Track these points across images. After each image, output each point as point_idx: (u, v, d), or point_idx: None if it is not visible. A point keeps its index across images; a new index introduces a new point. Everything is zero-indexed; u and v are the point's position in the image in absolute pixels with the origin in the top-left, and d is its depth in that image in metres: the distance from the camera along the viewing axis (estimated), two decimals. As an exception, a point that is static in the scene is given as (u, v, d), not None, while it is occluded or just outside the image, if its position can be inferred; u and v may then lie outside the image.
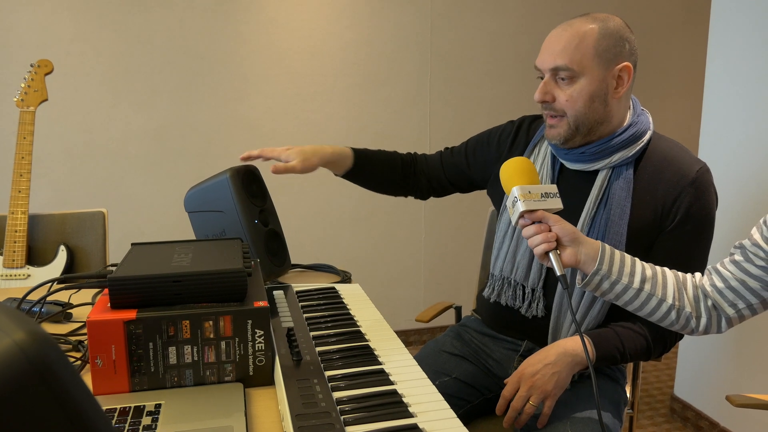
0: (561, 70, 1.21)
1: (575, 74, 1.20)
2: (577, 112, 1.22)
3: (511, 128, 1.47)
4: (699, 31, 3.56)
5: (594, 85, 1.21)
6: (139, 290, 0.96)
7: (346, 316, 1.19)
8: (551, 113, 1.26)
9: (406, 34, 3.10)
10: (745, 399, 1.31)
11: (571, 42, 1.20)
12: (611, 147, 1.25)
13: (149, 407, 0.91)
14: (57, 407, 0.38)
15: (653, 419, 2.59)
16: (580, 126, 1.24)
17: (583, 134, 1.25)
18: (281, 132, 3.01)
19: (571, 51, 1.20)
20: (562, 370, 1.18)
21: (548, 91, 1.24)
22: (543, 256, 1.10)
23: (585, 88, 1.21)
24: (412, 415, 0.82)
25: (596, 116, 1.24)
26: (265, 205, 1.49)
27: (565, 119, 1.24)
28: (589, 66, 1.20)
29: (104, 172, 2.79)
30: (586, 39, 1.20)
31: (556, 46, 1.21)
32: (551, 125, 1.27)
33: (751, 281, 1.08)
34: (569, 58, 1.20)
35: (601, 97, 1.22)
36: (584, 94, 1.21)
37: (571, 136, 1.25)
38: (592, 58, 1.20)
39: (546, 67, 1.23)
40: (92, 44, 2.70)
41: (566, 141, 1.26)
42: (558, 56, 1.20)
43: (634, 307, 1.15)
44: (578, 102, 1.22)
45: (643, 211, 1.25)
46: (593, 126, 1.24)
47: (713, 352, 2.38)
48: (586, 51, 1.20)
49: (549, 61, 1.22)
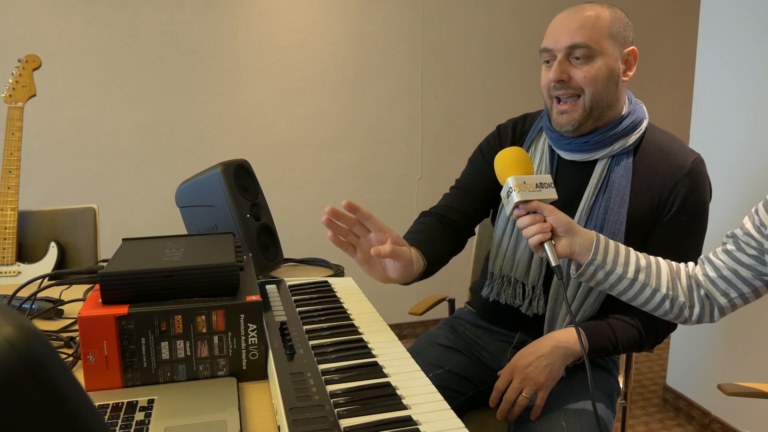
0: (579, 47, 1.19)
1: (593, 53, 1.20)
2: (595, 90, 1.21)
3: (493, 136, 1.46)
4: (689, 22, 3.57)
5: (609, 65, 1.21)
6: (130, 285, 0.96)
7: (339, 310, 1.19)
8: (567, 93, 1.23)
9: (397, 28, 3.09)
10: (736, 388, 1.32)
11: (586, 22, 1.20)
12: (612, 135, 1.25)
13: (142, 402, 0.91)
14: (47, 402, 0.38)
15: (646, 409, 2.61)
16: (595, 108, 1.23)
17: (595, 117, 1.24)
18: (272, 127, 3.00)
19: (588, 30, 1.19)
20: (554, 361, 1.19)
21: (564, 70, 1.22)
22: (538, 247, 1.10)
23: (602, 67, 1.21)
24: (405, 407, 0.82)
25: (610, 98, 1.23)
26: (256, 199, 1.48)
27: (581, 100, 1.22)
28: (605, 45, 1.21)
29: (94, 168, 2.78)
30: (601, 20, 1.21)
31: (572, 24, 1.20)
32: (564, 111, 1.24)
33: (742, 270, 1.09)
34: (588, 36, 1.19)
35: (615, 78, 1.23)
36: (602, 73, 1.21)
37: (584, 119, 1.23)
38: (607, 38, 1.21)
39: (562, 46, 1.21)
40: (81, 39, 2.67)
41: (579, 126, 1.24)
42: (575, 34, 1.19)
43: (629, 296, 1.15)
44: (597, 80, 1.21)
45: (641, 202, 1.25)
46: (605, 109, 1.24)
47: (705, 342, 2.40)
48: (602, 31, 1.20)
49: (565, 39, 1.20)
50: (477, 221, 1.44)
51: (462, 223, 1.40)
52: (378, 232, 1.12)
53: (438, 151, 3.27)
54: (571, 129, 1.25)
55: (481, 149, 1.44)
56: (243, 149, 2.97)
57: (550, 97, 1.27)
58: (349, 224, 1.12)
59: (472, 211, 1.41)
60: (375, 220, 1.12)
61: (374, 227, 1.12)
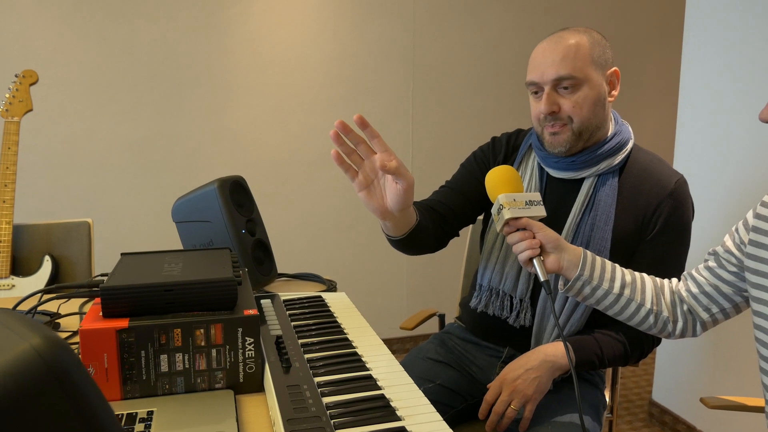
0: (565, 79, 1.24)
1: (579, 82, 1.25)
2: (583, 118, 1.26)
3: (488, 146, 1.50)
4: (673, 44, 3.66)
5: (595, 91, 1.26)
6: (131, 299, 0.98)
7: (333, 324, 1.22)
8: (557, 123, 1.28)
9: (389, 46, 3.15)
10: (718, 401, 1.35)
11: (569, 52, 1.24)
12: (599, 155, 1.30)
13: (141, 414, 0.93)
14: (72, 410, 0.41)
15: (632, 424, 2.65)
16: (584, 131, 1.28)
17: (585, 139, 1.29)
18: (264, 144, 3.03)
19: (571, 60, 1.24)
20: (542, 374, 1.22)
21: (554, 102, 1.26)
22: (527, 263, 1.14)
23: (588, 94, 1.26)
24: (399, 419, 0.85)
25: (597, 121, 1.29)
26: (252, 215, 1.51)
27: (569, 126, 1.27)
28: (588, 72, 1.25)
29: (87, 182, 2.79)
30: (582, 48, 1.25)
31: (555, 57, 1.25)
32: (555, 132, 1.28)
33: (723, 286, 1.13)
34: (572, 66, 1.24)
35: (601, 101, 1.28)
36: (588, 100, 1.26)
37: (575, 141, 1.28)
38: (590, 65, 1.26)
39: (548, 79, 1.25)
40: (75, 55, 2.70)
41: (570, 147, 1.29)
42: (560, 66, 1.24)
43: (614, 311, 1.19)
44: (584, 108, 1.26)
45: (626, 221, 1.30)
46: (593, 131, 1.29)
47: (690, 357, 2.44)
48: (584, 58, 1.25)
49: (550, 72, 1.25)
50: (463, 222, 1.46)
51: (448, 218, 1.42)
52: (383, 152, 1.11)
53: (428, 168, 3.32)
54: (563, 150, 1.29)
55: (475, 156, 1.49)
56: (236, 165, 3.00)
57: (540, 125, 1.32)
58: (355, 142, 1.12)
59: (459, 209, 1.43)
60: (381, 140, 1.11)
61: (380, 147, 1.11)
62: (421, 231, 1.30)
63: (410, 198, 1.16)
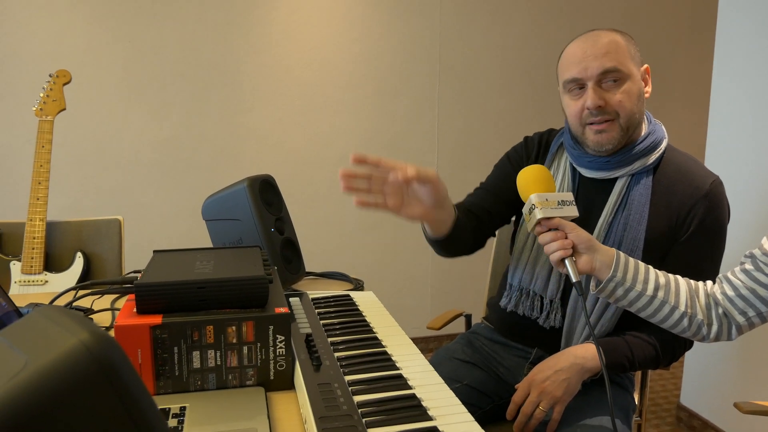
0: (611, 72, 1.23)
1: (623, 76, 1.24)
2: (629, 112, 1.25)
3: (521, 145, 1.49)
4: (705, 41, 3.60)
5: (637, 85, 1.26)
6: (164, 296, 0.99)
7: (362, 323, 1.22)
8: (604, 118, 1.25)
9: (415, 46, 3.15)
10: (753, 406, 1.33)
11: (611, 47, 1.24)
12: (633, 155, 1.28)
13: (174, 410, 0.94)
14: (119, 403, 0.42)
15: (660, 428, 2.61)
16: (630, 127, 1.27)
17: (629, 136, 1.28)
18: (290, 143, 3.05)
19: (614, 54, 1.23)
20: (572, 376, 1.21)
21: (600, 96, 1.25)
22: (559, 263, 1.13)
23: (632, 88, 1.25)
24: (431, 418, 0.85)
25: (639, 117, 1.28)
26: (280, 213, 1.52)
27: (616, 122, 1.25)
28: (630, 67, 1.25)
29: (116, 180, 2.84)
30: (620, 43, 1.25)
31: (597, 51, 1.24)
32: (602, 130, 1.26)
33: (761, 290, 1.11)
34: (616, 60, 1.23)
35: (642, 97, 1.28)
36: (633, 94, 1.25)
37: (621, 138, 1.27)
38: (630, 60, 1.26)
39: (593, 74, 1.24)
40: (106, 55, 2.75)
41: (617, 144, 1.27)
42: (605, 60, 1.23)
43: (647, 313, 1.17)
44: (630, 101, 1.25)
45: (659, 221, 1.28)
46: (636, 127, 1.28)
47: (719, 360, 2.40)
48: (625, 54, 1.25)
49: (595, 66, 1.23)
50: (498, 222, 1.47)
51: (484, 219, 1.43)
52: (393, 170, 1.10)
53: (453, 169, 3.31)
54: (611, 148, 1.27)
55: (509, 156, 1.49)
56: (262, 164, 3.02)
57: (582, 124, 1.29)
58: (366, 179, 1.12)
59: (494, 210, 1.44)
60: (385, 162, 1.10)
61: (387, 168, 1.10)
62: (460, 228, 1.32)
63: (443, 188, 1.18)
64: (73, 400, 0.40)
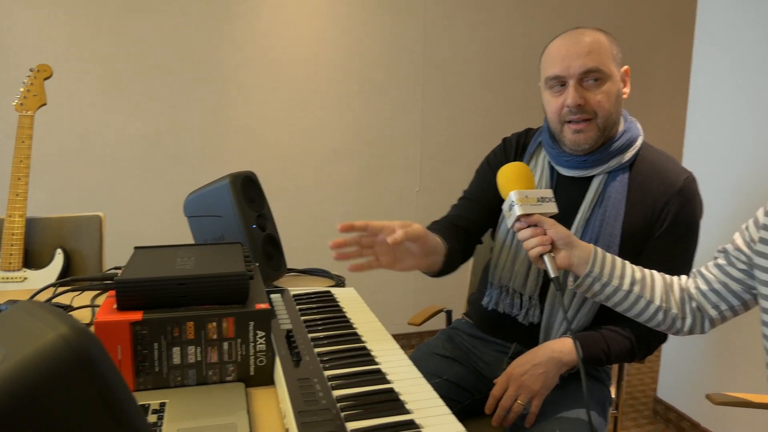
0: (592, 71, 1.25)
1: (604, 76, 1.26)
2: (607, 112, 1.28)
3: (499, 148, 1.51)
4: (683, 43, 3.65)
5: (616, 86, 1.29)
6: (145, 292, 1.00)
7: (342, 319, 1.23)
8: (582, 117, 1.28)
9: (400, 42, 3.16)
10: (724, 397, 1.36)
11: (593, 47, 1.26)
12: (610, 153, 1.31)
13: (154, 405, 0.95)
14: (98, 396, 0.42)
15: (637, 421, 2.65)
16: (607, 127, 1.29)
17: (606, 136, 1.31)
18: (275, 138, 3.05)
19: (596, 54, 1.26)
20: (549, 370, 1.23)
21: (581, 95, 1.27)
22: (538, 259, 1.15)
23: (612, 89, 1.28)
24: (408, 411, 0.86)
25: (616, 117, 1.31)
26: (262, 210, 1.53)
27: (594, 122, 1.28)
28: (611, 68, 1.28)
29: (99, 176, 2.82)
30: (603, 43, 1.27)
31: (580, 50, 1.26)
32: (580, 130, 1.28)
33: (732, 284, 1.14)
34: (598, 60, 1.25)
35: (620, 98, 1.30)
36: (612, 94, 1.28)
37: (599, 138, 1.29)
38: (611, 61, 1.28)
39: (575, 72, 1.26)
40: (88, 49, 2.72)
41: (594, 144, 1.30)
42: (587, 59, 1.25)
43: (624, 308, 1.20)
44: (609, 102, 1.27)
45: (635, 218, 1.30)
46: (613, 126, 1.31)
47: (694, 355, 2.45)
48: (607, 54, 1.27)
49: (577, 65, 1.25)
50: (484, 229, 1.50)
51: (471, 230, 1.46)
52: (381, 233, 1.15)
53: (437, 164, 3.33)
54: (587, 147, 1.30)
55: (488, 161, 1.51)
56: (246, 160, 3.01)
57: (561, 122, 1.31)
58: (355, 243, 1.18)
59: (480, 219, 1.47)
60: (372, 225, 1.14)
61: (375, 231, 1.15)
62: (452, 256, 1.36)
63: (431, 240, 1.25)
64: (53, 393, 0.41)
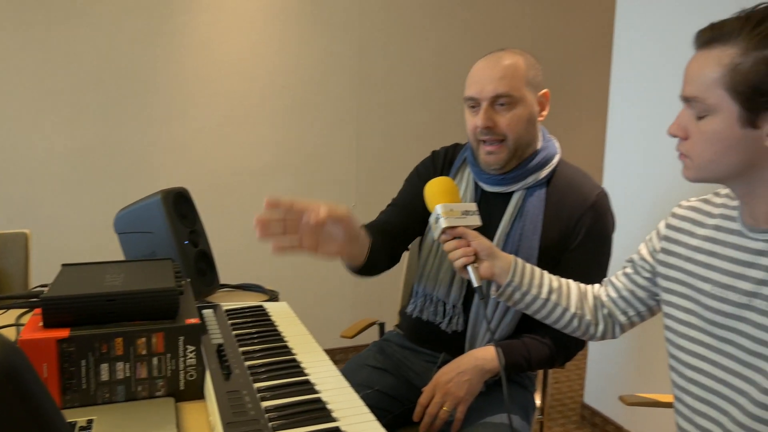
0: (502, 96, 1.33)
1: (515, 100, 1.33)
2: (517, 135, 1.35)
3: (429, 160, 1.58)
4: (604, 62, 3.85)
5: (528, 110, 1.35)
6: (72, 309, 1.00)
7: (274, 333, 1.25)
8: (493, 138, 1.35)
9: (335, 59, 3.21)
10: (634, 398, 1.46)
11: (507, 71, 1.33)
12: (526, 170, 1.39)
13: (81, 423, 0.94)
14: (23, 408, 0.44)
15: (565, 426, 2.76)
16: (518, 149, 1.36)
17: (518, 157, 1.38)
18: (210, 154, 3.03)
19: (509, 79, 1.33)
20: (473, 377, 1.29)
21: (490, 117, 1.34)
22: (462, 269, 1.21)
23: (522, 113, 1.34)
24: (334, 420, 0.90)
25: (529, 138, 1.38)
26: (194, 226, 1.54)
27: (505, 144, 1.35)
28: (524, 92, 1.34)
29: (26, 192, 2.73)
30: (519, 69, 1.34)
31: (494, 75, 1.33)
32: (491, 152, 1.36)
33: (639, 291, 1.23)
34: (509, 85, 1.32)
35: (533, 120, 1.37)
36: (522, 118, 1.34)
37: (509, 159, 1.37)
38: (525, 86, 1.35)
39: (486, 96, 1.33)
40: (13, 61, 2.65)
41: (505, 165, 1.37)
42: (498, 84, 1.32)
43: (542, 315, 1.27)
44: (519, 125, 1.34)
45: (551, 231, 1.39)
46: (525, 148, 1.38)
47: (617, 360, 2.58)
48: (521, 79, 1.34)
49: (489, 89, 1.33)
50: (411, 236, 1.53)
51: (399, 236, 1.50)
52: (306, 212, 1.10)
53: (372, 179, 3.38)
54: (498, 168, 1.38)
55: (418, 171, 1.57)
56: (180, 176, 2.98)
57: (477, 140, 1.39)
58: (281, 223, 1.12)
59: (407, 226, 1.51)
60: (297, 203, 1.11)
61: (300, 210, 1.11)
62: (376, 253, 1.37)
63: (355, 223, 1.21)
64: (-25, 406, 0.42)
